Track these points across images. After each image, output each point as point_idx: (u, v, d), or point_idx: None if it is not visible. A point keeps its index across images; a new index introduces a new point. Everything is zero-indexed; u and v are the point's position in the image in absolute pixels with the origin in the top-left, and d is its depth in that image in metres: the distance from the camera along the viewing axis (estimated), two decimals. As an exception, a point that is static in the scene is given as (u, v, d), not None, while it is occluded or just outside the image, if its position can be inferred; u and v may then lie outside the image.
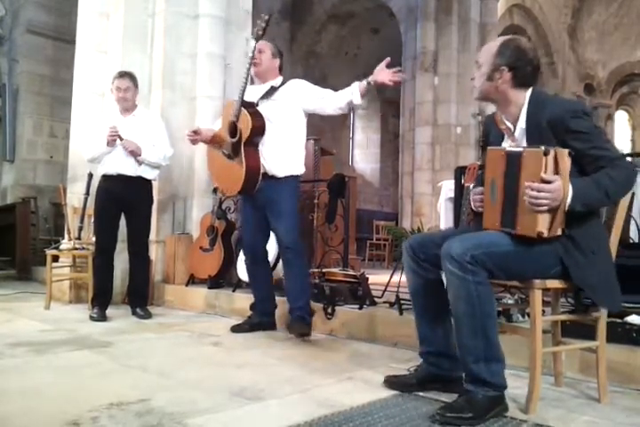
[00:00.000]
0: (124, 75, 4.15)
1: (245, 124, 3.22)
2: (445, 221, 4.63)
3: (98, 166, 4.19)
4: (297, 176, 3.40)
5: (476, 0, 10.41)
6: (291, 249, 3.31)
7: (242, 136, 3.23)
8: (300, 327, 3.21)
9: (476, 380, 1.89)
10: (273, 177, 3.31)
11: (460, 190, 3.40)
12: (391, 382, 2.23)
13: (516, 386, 2.25)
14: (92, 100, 5.13)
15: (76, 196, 5.00)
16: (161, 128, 4.27)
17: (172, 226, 5.02)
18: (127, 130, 4.00)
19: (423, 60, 10.41)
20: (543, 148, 1.84)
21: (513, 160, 1.93)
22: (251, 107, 3.29)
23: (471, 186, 3.31)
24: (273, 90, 3.40)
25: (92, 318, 3.86)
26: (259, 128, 3.25)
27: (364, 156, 16.24)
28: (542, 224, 1.86)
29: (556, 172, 1.84)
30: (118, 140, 3.95)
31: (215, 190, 4.85)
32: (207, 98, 5.11)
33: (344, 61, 14.03)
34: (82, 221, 4.67)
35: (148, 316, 4.03)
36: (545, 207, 1.83)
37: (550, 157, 1.83)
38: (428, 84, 10.39)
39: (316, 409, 1.91)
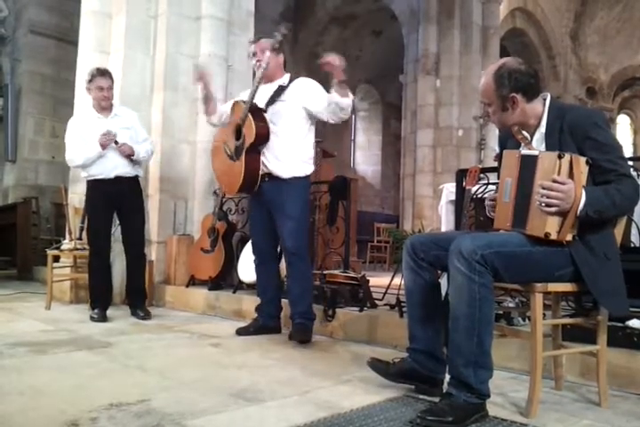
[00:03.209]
0: (105, 73, 4.00)
1: (249, 131, 3.19)
2: (446, 223, 4.63)
3: (88, 170, 4.02)
4: (304, 177, 3.32)
5: (477, 3, 10.43)
6: (293, 253, 3.25)
7: (245, 141, 3.21)
8: (300, 335, 3.16)
9: (462, 384, 1.87)
10: (278, 178, 3.26)
11: (461, 193, 3.40)
12: (373, 363, 2.27)
13: (516, 390, 2.25)
14: (94, 101, 5.13)
15: (77, 196, 5.00)
16: (139, 124, 4.23)
17: (172, 227, 5.02)
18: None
19: (425, 62, 10.43)
20: (558, 151, 1.88)
21: (528, 162, 1.96)
22: (258, 112, 3.24)
23: (472, 189, 3.32)
24: (281, 89, 3.32)
25: (92, 319, 3.85)
26: (262, 136, 3.22)
27: (365, 158, 16.24)
28: (551, 225, 1.88)
29: (571, 177, 1.87)
30: (113, 144, 3.90)
31: (216, 192, 4.86)
32: (209, 99, 5.11)
33: (346, 63, 14.04)
34: (83, 221, 4.66)
35: (148, 316, 4.01)
36: (554, 208, 1.86)
37: (565, 161, 1.86)
38: (429, 86, 10.41)
39: (316, 411, 1.91)
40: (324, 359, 2.81)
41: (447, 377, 1.96)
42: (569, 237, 1.91)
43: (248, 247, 4.33)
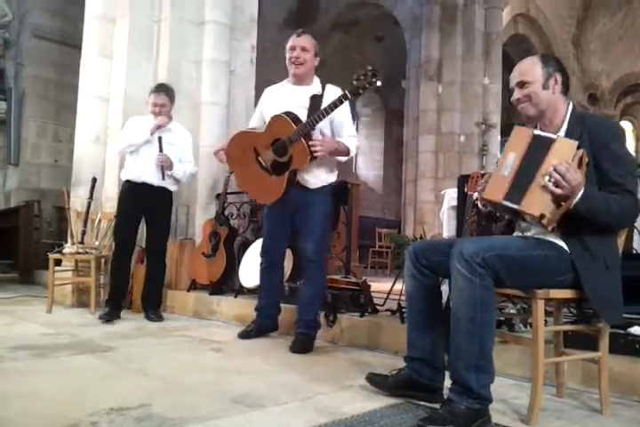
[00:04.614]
0: (160, 89, 4.18)
1: (301, 157, 3.04)
2: (448, 229, 4.63)
3: (122, 171, 4.23)
4: (328, 185, 3.29)
5: (480, 9, 10.47)
6: (312, 261, 3.21)
7: (292, 162, 3.08)
8: (301, 346, 3.10)
9: (463, 388, 1.85)
10: (304, 187, 3.21)
11: (463, 199, 3.40)
12: (371, 378, 2.27)
13: (517, 396, 2.25)
14: (97, 105, 5.15)
15: (79, 200, 5.02)
16: (189, 145, 4.37)
17: (175, 231, 5.02)
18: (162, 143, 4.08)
19: (427, 68, 10.46)
20: (577, 142, 1.91)
21: (541, 143, 1.96)
22: (309, 137, 3.05)
23: (474, 194, 3.32)
24: (317, 101, 3.15)
25: (100, 318, 3.92)
26: (312, 162, 3.12)
27: (367, 163, 16.26)
28: (548, 209, 1.89)
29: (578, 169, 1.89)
30: (157, 152, 4.03)
31: (218, 196, 4.86)
32: (211, 104, 5.13)
33: (348, 69, 14.07)
34: (85, 225, 4.68)
35: (159, 319, 4.12)
36: (560, 191, 1.86)
37: (580, 153, 1.90)
38: (431, 92, 10.44)
39: (317, 417, 1.91)
40: (325, 365, 2.80)
41: (448, 383, 1.95)
42: (550, 228, 1.93)
43: (249, 252, 4.33)
